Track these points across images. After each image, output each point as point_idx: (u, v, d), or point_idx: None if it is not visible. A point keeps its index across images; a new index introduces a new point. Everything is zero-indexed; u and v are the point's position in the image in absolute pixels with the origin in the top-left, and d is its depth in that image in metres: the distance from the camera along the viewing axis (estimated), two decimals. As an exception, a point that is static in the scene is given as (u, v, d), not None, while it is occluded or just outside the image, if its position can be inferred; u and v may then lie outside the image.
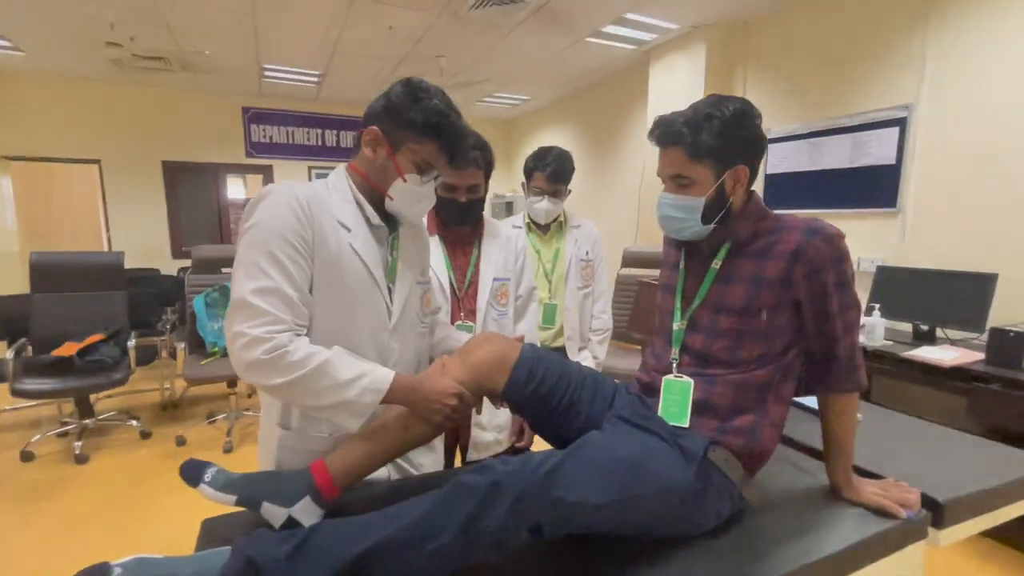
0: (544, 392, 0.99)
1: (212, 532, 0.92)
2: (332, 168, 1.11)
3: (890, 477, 1.05)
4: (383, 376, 0.89)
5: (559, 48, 4.19)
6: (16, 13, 3.52)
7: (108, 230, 5.49)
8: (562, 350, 1.81)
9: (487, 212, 1.53)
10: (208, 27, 3.77)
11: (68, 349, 2.90)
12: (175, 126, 5.57)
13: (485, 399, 1.02)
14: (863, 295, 2.92)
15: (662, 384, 0.99)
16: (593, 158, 5.45)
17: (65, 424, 3.15)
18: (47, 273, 3.13)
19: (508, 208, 6.25)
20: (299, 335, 0.87)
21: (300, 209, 0.90)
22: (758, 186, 3.64)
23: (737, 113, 0.91)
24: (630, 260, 3.48)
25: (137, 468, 2.81)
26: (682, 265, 1.05)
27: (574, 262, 1.82)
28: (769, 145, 3.52)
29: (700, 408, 0.94)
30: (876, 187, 2.95)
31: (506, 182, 7.02)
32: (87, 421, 3.11)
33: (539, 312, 1.78)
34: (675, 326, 1.02)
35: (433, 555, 0.72)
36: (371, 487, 1.05)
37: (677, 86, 3.92)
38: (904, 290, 2.60)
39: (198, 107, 5.63)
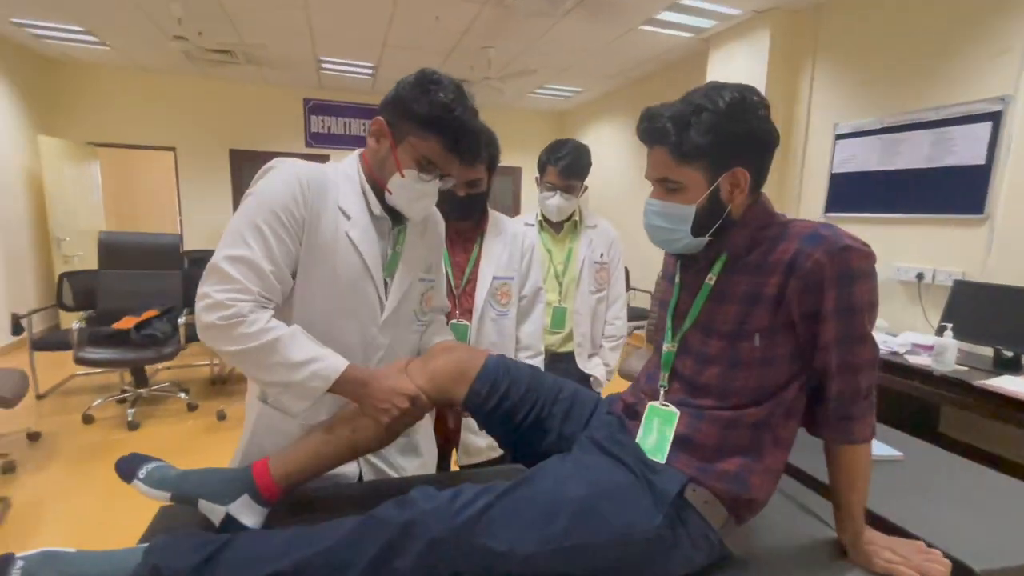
0: (507, 407, 0.91)
1: (167, 518, 0.91)
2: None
3: (924, 535, 0.89)
4: (335, 364, 0.85)
5: (610, 37, 4.01)
6: (100, 9, 3.81)
7: (180, 213, 5.91)
8: (571, 356, 1.71)
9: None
10: (266, 20, 3.92)
11: (126, 323, 3.13)
12: (241, 116, 5.90)
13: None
14: (934, 312, 2.60)
15: (646, 409, 0.88)
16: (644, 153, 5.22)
17: (124, 392, 3.41)
18: (113, 251, 3.39)
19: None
20: (264, 307, 0.85)
21: (299, 188, 0.88)
22: (819, 186, 3.35)
23: (734, 104, 0.77)
24: (672, 262, 3.28)
25: (181, 438, 2.99)
26: (677, 279, 0.93)
27: (587, 264, 1.71)
28: (836, 141, 3.20)
29: (682, 444, 0.82)
30: (959, 190, 2.60)
31: (557, 176, 6.88)
32: (141, 390, 3.36)
33: (548, 315, 1.69)
34: (665, 347, 0.90)
35: None
36: (339, 486, 1.01)
37: (737, 77, 3.62)
38: (986, 309, 2.27)
39: (262, 98, 5.92)
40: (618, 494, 0.77)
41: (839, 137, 3.19)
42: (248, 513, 0.82)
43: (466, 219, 1.39)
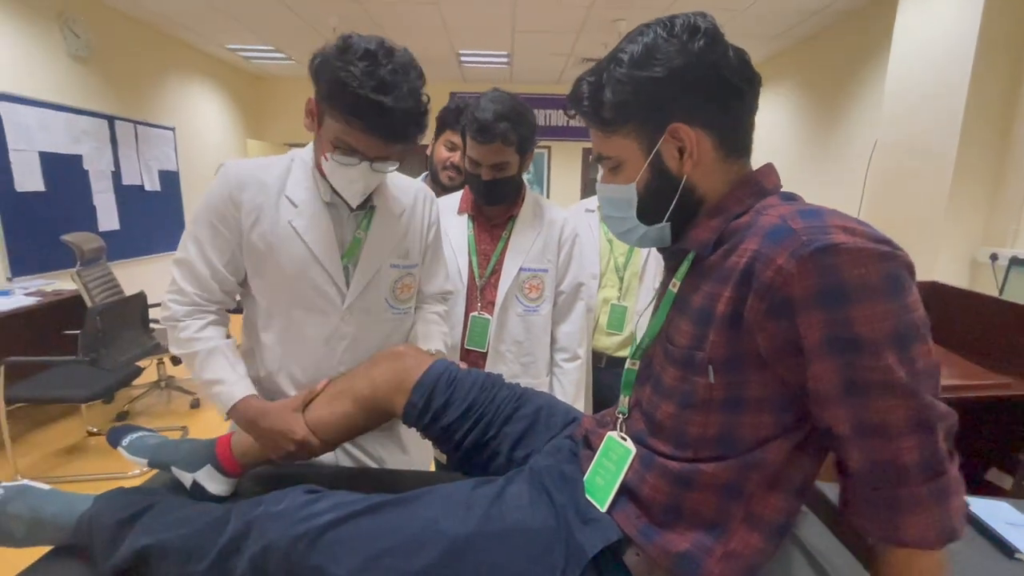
0: (444, 424, 0.82)
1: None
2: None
3: None
4: (231, 394, 0.88)
5: (764, -10, 3.43)
6: (282, 31, 4.49)
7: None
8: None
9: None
10: (406, 20, 4.21)
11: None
12: (399, 113, 6.51)
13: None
14: None
15: (603, 440, 0.71)
16: (815, 121, 4.40)
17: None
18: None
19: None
20: (202, 310, 0.93)
21: (228, 193, 0.91)
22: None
23: (654, 42, 0.58)
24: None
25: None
26: (661, 278, 0.75)
27: (653, 258, 1.48)
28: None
29: (628, 493, 0.64)
30: None
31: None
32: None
33: (604, 314, 1.52)
34: (627, 363, 0.72)
35: None
36: (315, 465, 0.99)
37: (935, 26, 2.82)
38: None
39: (416, 95, 6.45)
40: (517, 540, 0.63)
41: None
42: (213, 481, 0.87)
43: (494, 204, 1.30)
